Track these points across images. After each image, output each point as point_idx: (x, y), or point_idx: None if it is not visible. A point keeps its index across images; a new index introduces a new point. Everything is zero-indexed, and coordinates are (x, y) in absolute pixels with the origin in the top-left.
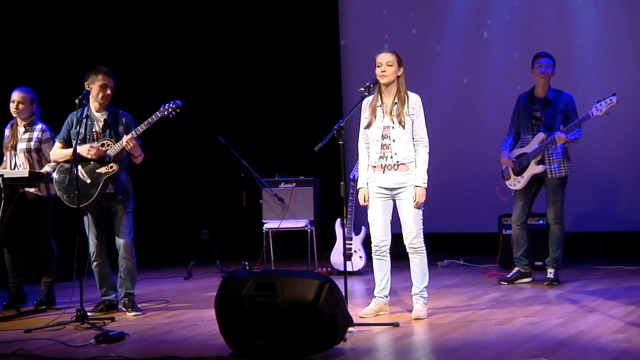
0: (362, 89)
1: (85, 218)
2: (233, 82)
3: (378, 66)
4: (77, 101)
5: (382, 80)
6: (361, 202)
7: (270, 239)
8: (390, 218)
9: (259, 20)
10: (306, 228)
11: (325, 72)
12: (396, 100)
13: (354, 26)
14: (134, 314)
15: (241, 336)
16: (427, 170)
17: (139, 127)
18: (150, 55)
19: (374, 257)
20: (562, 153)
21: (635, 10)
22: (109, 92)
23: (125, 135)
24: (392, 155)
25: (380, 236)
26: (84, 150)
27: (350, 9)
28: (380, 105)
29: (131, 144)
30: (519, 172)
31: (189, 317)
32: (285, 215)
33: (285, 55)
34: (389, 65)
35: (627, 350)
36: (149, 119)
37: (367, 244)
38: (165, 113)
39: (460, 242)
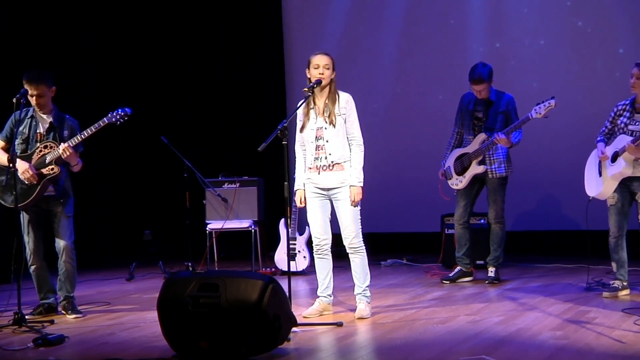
0: (306, 89)
1: (22, 219)
2: (176, 81)
3: (315, 68)
4: (14, 100)
5: (322, 82)
6: (298, 204)
7: (214, 239)
8: (330, 217)
9: (203, 21)
10: (250, 228)
11: (269, 72)
12: (327, 101)
13: (298, 26)
14: (74, 316)
15: (184, 337)
16: (369, 169)
17: (84, 132)
18: (92, 55)
19: (315, 256)
20: (505, 154)
21: (572, 12)
22: (35, 99)
23: (62, 143)
24: (327, 156)
25: (321, 235)
26: (21, 167)
27: (294, 8)
28: (313, 107)
29: (67, 152)
30: (460, 172)
31: (130, 319)
32: (229, 215)
33: (228, 55)
34: (326, 68)
35: (565, 346)
36: (95, 125)
37: (310, 244)
38: (113, 120)
39: (403, 242)
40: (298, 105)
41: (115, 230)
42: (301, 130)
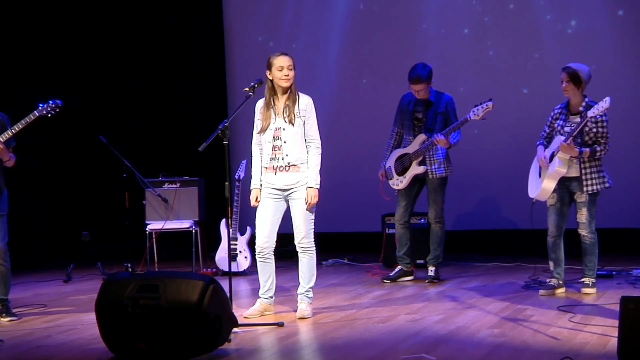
0: (247, 89)
1: None
2: (115, 80)
3: (279, 70)
4: None
5: (285, 84)
6: (252, 203)
7: (154, 240)
8: (280, 220)
9: (143, 18)
10: (191, 229)
11: (210, 71)
12: (287, 102)
13: (239, 25)
14: (8, 319)
15: (123, 339)
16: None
17: (14, 127)
18: (26, 51)
19: (257, 259)
20: (444, 154)
21: (505, 14)
22: None
23: None
24: (284, 157)
25: (265, 237)
26: None
27: (234, 7)
28: (272, 107)
29: None
30: (401, 172)
31: (68, 321)
32: (170, 215)
33: (169, 54)
34: (289, 69)
35: (503, 344)
36: (26, 119)
37: (252, 244)
38: (44, 112)
39: (345, 242)
40: (239, 105)
41: (52, 231)
42: (259, 129)
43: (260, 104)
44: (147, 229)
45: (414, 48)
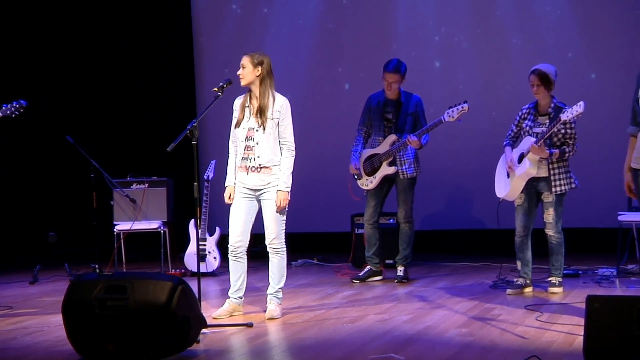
0: (216, 89)
1: None
2: (82, 79)
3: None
4: None
5: (241, 83)
6: (226, 200)
7: (122, 240)
8: (253, 219)
9: (111, 17)
10: (159, 229)
11: (179, 71)
12: (262, 102)
13: (208, 25)
14: None
15: (90, 341)
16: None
17: None
18: None
19: (229, 257)
20: (414, 155)
21: (480, 15)
22: None
23: None
24: (255, 158)
25: (238, 236)
26: None
27: (204, 7)
28: (248, 106)
29: None
30: (370, 172)
31: (34, 323)
32: (138, 216)
33: (137, 53)
34: (243, 67)
35: (471, 343)
36: None
37: (221, 245)
38: (8, 113)
39: (314, 242)
40: (208, 105)
41: (18, 232)
42: (235, 126)
43: (238, 100)
44: (114, 230)
45: (385, 49)
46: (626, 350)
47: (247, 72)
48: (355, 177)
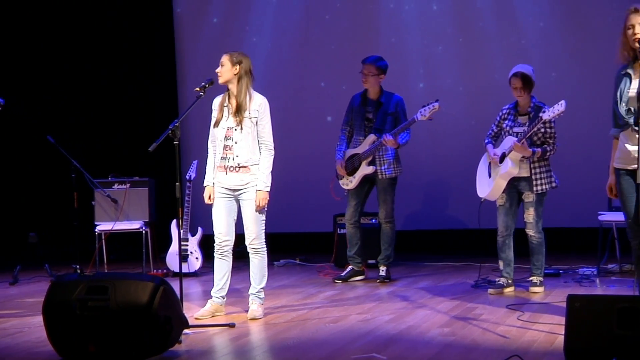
0: (198, 89)
1: None
2: (63, 79)
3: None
4: None
5: (219, 81)
6: (206, 201)
7: (103, 241)
8: (235, 218)
9: (92, 16)
10: (141, 229)
11: (161, 71)
12: (240, 102)
13: (189, 25)
14: None
15: (71, 342)
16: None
17: None
18: None
19: (215, 256)
20: (393, 155)
21: (449, 15)
22: None
23: None
24: (234, 157)
25: (223, 235)
26: None
27: (185, 8)
28: (227, 105)
29: None
30: (351, 172)
31: (14, 324)
32: (119, 216)
33: (118, 52)
34: (221, 66)
35: (452, 343)
36: None
37: (203, 245)
38: None
39: (297, 242)
40: (190, 105)
41: None
42: (214, 126)
43: (217, 99)
44: (96, 230)
45: (368, 49)
46: (606, 349)
47: (225, 70)
48: (338, 177)
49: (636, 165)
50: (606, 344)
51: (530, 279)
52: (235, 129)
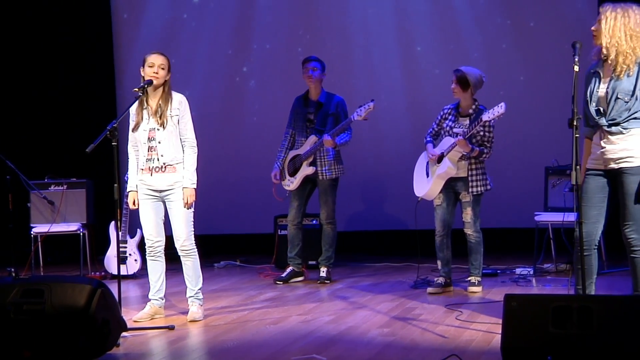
0: (137, 89)
1: None
2: None
3: (150, 66)
4: None
5: (155, 82)
6: (131, 206)
7: (40, 243)
8: (163, 219)
9: (27, 15)
10: (78, 231)
11: (99, 71)
12: (160, 102)
13: (128, 25)
14: None
15: (5, 347)
16: (201, 170)
17: None
18: None
19: (148, 258)
20: (334, 155)
21: (401, 15)
22: None
23: None
24: (159, 157)
25: (154, 237)
26: None
27: (123, 6)
28: (145, 108)
29: None
30: (293, 172)
31: None
32: (56, 218)
33: (55, 52)
34: (161, 68)
35: (392, 343)
36: None
37: (142, 247)
38: None
39: (237, 243)
40: (129, 105)
41: None
42: (133, 130)
43: (135, 104)
44: (32, 233)
45: (309, 49)
46: (542, 348)
47: (164, 74)
48: (280, 178)
49: (612, 166)
50: (542, 342)
51: (469, 278)
52: (158, 129)
